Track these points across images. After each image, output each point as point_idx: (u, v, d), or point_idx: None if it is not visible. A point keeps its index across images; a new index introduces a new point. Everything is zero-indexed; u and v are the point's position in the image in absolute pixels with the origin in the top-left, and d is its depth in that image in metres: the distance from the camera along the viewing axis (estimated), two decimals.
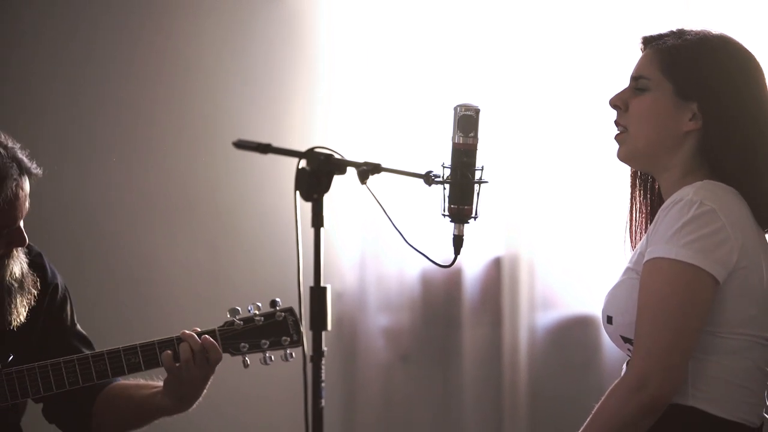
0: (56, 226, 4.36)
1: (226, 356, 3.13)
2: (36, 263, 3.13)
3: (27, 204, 3.05)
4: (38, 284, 3.07)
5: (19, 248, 3.04)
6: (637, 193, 2.85)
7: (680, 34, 2.72)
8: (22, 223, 3.05)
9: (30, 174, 3.05)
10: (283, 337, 3.11)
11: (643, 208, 2.84)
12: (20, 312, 3.02)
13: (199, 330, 3.07)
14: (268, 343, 3.10)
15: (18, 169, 3.02)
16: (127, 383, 3.18)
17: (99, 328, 3.11)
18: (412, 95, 4.36)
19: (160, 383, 3.11)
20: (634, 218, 2.86)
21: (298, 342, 3.11)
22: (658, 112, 2.69)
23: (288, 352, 3.12)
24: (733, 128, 2.66)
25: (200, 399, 3.11)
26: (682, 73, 2.68)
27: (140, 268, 4.43)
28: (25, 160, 3.05)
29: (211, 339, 3.04)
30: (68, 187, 4.38)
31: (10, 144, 3.06)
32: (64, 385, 3.01)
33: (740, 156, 2.66)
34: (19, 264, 3.04)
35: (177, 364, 3.02)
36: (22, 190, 3.02)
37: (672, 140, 2.69)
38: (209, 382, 3.09)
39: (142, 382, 3.16)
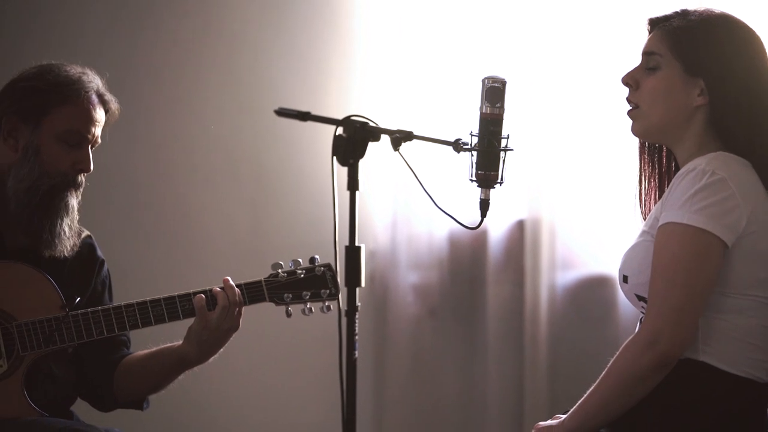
0: (111, 185, 4.38)
1: (270, 306, 3.15)
2: (86, 243, 3.17)
3: (98, 130, 3.11)
4: (78, 244, 3.12)
5: (79, 190, 3.08)
6: (645, 162, 2.87)
7: (685, 14, 2.73)
8: (90, 153, 3.08)
9: (106, 103, 3.12)
10: (323, 290, 3.14)
11: (652, 177, 2.85)
12: (65, 244, 3.06)
13: (231, 282, 3.09)
14: (309, 294, 3.14)
15: (99, 91, 3.11)
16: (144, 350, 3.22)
17: (147, 279, 3.14)
18: (442, 67, 4.34)
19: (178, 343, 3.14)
20: (643, 188, 2.86)
21: (335, 295, 3.14)
22: (669, 89, 2.70)
23: (326, 304, 3.15)
24: (738, 101, 2.67)
25: (221, 350, 3.14)
26: (689, 52, 2.68)
27: (186, 225, 4.45)
28: (110, 97, 3.14)
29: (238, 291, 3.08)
30: (123, 150, 4.39)
31: (99, 79, 3.15)
32: (124, 327, 3.06)
33: (747, 127, 2.67)
34: (73, 208, 3.09)
35: (210, 311, 3.05)
36: (98, 105, 3.09)
37: (683, 116, 2.70)
38: (231, 338, 3.12)
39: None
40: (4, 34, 4.36)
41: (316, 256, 3.18)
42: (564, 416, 2.69)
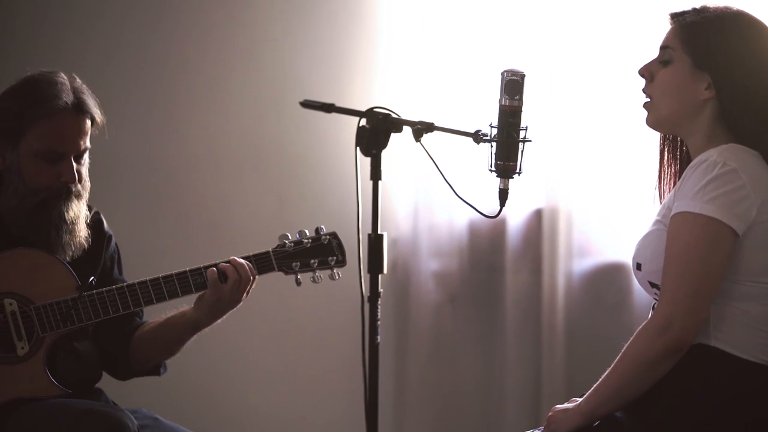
0: (139, 175, 4.39)
1: (294, 295, 3.16)
2: (94, 219, 3.19)
3: (82, 142, 3.05)
4: (90, 237, 3.13)
5: (75, 196, 3.07)
6: (666, 151, 2.87)
7: (701, 11, 2.74)
8: (83, 164, 3.07)
9: (87, 113, 3.05)
10: (330, 257, 3.16)
11: (672, 166, 2.86)
12: (66, 250, 3.07)
13: (240, 260, 3.12)
14: (316, 262, 3.16)
15: (75, 101, 3.04)
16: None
17: (174, 266, 3.14)
18: (463, 61, 4.34)
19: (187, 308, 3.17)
20: (663, 174, 2.86)
21: (343, 262, 3.17)
22: (678, 83, 2.71)
23: (335, 271, 3.16)
24: (744, 96, 2.68)
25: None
26: (698, 47, 2.70)
27: (212, 215, 4.46)
28: (90, 102, 3.07)
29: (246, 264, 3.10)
30: (151, 142, 4.41)
31: (78, 82, 3.08)
32: (139, 303, 3.09)
33: (755, 122, 2.67)
34: (72, 211, 3.07)
35: (223, 283, 3.07)
36: (73, 120, 3.03)
37: (692, 108, 2.71)
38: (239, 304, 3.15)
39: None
40: (19, 35, 4.38)
41: (322, 226, 3.19)
42: (580, 399, 2.69)
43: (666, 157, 2.87)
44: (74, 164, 3.05)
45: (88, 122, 3.06)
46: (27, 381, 3.00)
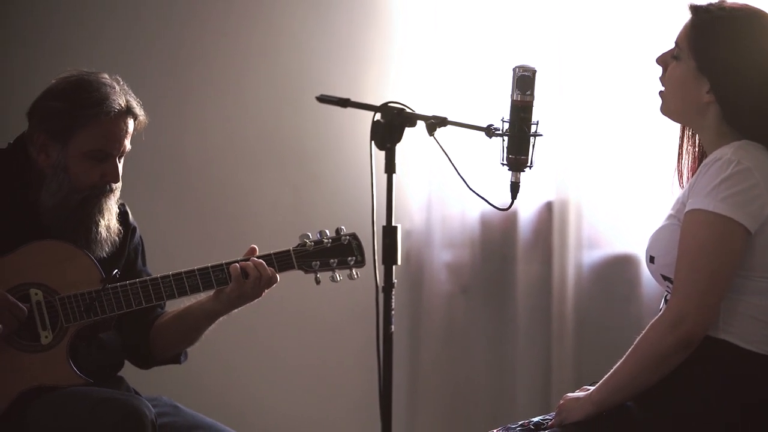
0: (162, 168, 4.40)
1: (312, 288, 3.16)
2: (120, 211, 3.20)
3: (127, 142, 3.09)
4: (121, 233, 3.14)
5: (113, 193, 3.08)
6: (687, 141, 2.85)
7: (715, 11, 2.67)
8: (120, 163, 3.08)
9: (134, 115, 3.08)
10: (349, 257, 3.16)
11: (691, 148, 2.83)
12: (103, 246, 3.08)
13: (257, 252, 3.13)
14: (336, 261, 3.15)
15: (126, 103, 3.07)
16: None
17: (195, 257, 3.15)
18: (475, 57, 4.33)
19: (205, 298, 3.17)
20: (683, 152, 2.84)
21: (362, 262, 3.17)
22: (683, 82, 2.69)
23: (354, 271, 3.16)
24: (743, 105, 2.64)
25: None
26: (701, 51, 2.66)
27: (232, 206, 4.46)
28: (135, 103, 3.09)
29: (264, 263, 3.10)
30: (174, 136, 4.41)
31: (122, 83, 3.11)
32: (161, 298, 3.09)
33: (760, 126, 2.64)
34: (109, 209, 3.09)
35: (245, 280, 3.08)
36: (123, 121, 3.06)
37: (696, 109, 2.69)
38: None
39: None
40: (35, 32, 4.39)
41: (342, 227, 3.19)
42: (591, 388, 2.69)
43: (685, 143, 2.84)
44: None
45: (133, 124, 3.09)
46: (49, 370, 3.01)
